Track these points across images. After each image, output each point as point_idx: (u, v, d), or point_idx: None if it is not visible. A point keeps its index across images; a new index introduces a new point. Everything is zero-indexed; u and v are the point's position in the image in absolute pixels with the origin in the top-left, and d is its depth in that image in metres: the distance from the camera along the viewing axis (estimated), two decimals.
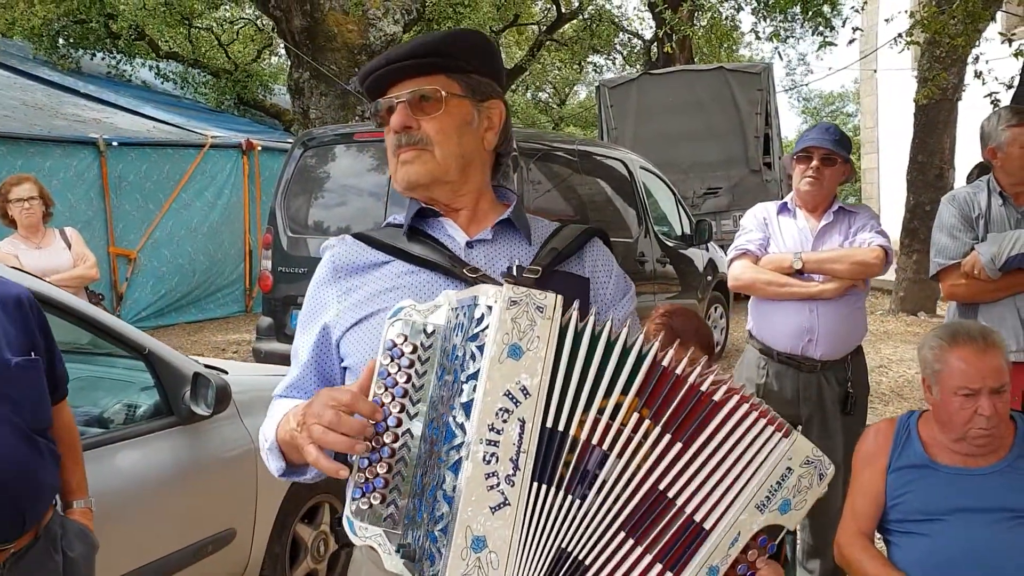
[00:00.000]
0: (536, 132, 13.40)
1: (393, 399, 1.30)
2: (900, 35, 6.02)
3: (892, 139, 15.03)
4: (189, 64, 17.11)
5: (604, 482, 1.26)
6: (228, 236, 11.27)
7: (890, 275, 10.79)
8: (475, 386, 1.23)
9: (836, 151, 3.37)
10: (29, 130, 9.73)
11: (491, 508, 1.22)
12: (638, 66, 20.54)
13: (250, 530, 3.23)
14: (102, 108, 12.65)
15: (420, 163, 1.55)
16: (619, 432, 1.26)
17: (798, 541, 3.80)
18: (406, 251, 1.56)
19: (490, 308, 1.25)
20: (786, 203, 3.54)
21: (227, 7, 18.10)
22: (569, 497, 1.25)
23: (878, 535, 2.55)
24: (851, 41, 6.22)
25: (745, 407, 1.29)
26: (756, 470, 1.28)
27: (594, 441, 1.26)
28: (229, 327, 10.59)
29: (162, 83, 16.92)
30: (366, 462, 1.30)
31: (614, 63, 24.10)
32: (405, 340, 1.31)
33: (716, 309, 8.91)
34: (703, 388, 1.29)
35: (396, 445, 1.29)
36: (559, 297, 1.27)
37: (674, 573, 1.27)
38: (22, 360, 2.09)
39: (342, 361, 1.59)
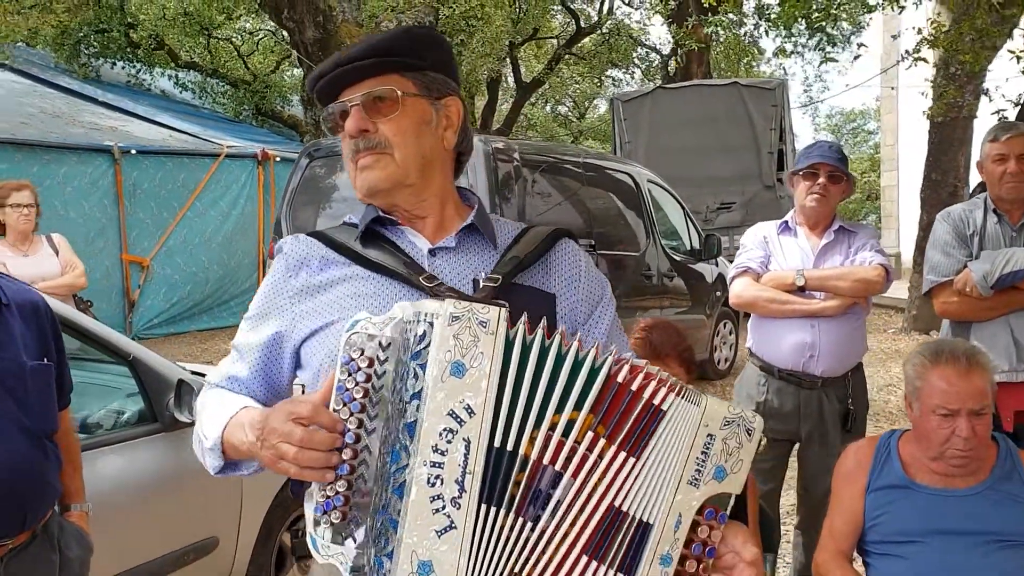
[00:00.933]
0: (544, 144, 13.42)
1: (351, 415, 1.27)
2: (907, 52, 5.98)
3: (912, 157, 14.92)
4: (208, 74, 17.27)
5: (559, 503, 1.23)
6: (242, 245, 11.34)
7: (902, 293, 10.69)
8: (418, 406, 1.21)
9: (842, 169, 3.37)
10: (45, 137, 9.84)
11: (437, 532, 1.20)
12: (657, 80, 20.52)
13: (234, 538, 3.23)
14: (119, 116, 12.77)
15: (380, 167, 1.51)
16: (573, 451, 1.23)
17: (790, 560, 3.76)
18: (363, 256, 1.52)
19: (432, 324, 1.23)
20: (787, 222, 3.54)
21: (247, 18, 18.26)
22: (521, 519, 1.23)
23: (857, 555, 2.51)
24: (856, 57, 6.19)
25: (663, 390, 1.26)
26: (679, 448, 1.26)
27: (546, 460, 1.23)
28: None
29: (181, 92, 17.08)
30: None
31: (632, 77, 24.13)
32: (361, 354, 1.28)
33: (725, 325, 8.84)
34: (655, 401, 1.26)
35: (355, 462, 1.27)
36: (503, 310, 1.25)
37: (626, 574, 1.24)
38: (36, 364, 2.14)
39: (298, 367, 1.56)
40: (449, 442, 1.20)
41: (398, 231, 1.58)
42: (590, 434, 1.23)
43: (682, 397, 1.27)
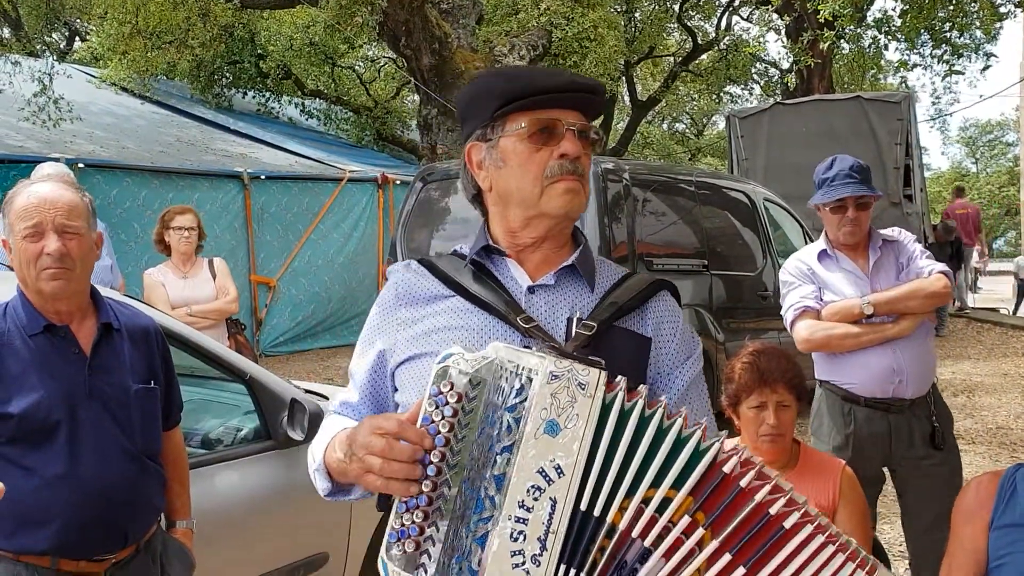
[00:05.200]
0: (655, 164, 13.28)
1: (434, 447, 1.29)
2: None
3: None
4: (332, 101, 17.90)
5: None
6: (363, 266, 11.67)
7: None
8: (508, 459, 1.22)
9: (868, 194, 3.25)
10: (181, 164, 10.39)
11: None
12: (777, 95, 20.09)
13: (343, 555, 3.31)
14: (249, 143, 13.38)
15: (582, 196, 1.54)
16: (666, 530, 1.21)
17: None
18: (467, 288, 1.55)
19: (530, 380, 1.23)
20: (824, 249, 3.40)
21: (369, 46, 18.85)
22: None
23: None
24: (985, 68, 5.91)
25: (821, 538, 1.20)
26: None
27: (635, 533, 1.21)
28: None
29: (307, 119, 17.75)
30: (403, 506, 1.30)
31: (751, 93, 23.70)
32: (451, 389, 1.30)
33: None
34: (772, 511, 1.20)
35: (434, 494, 1.28)
36: (602, 373, 1.24)
37: None
38: (141, 388, 2.26)
39: (396, 391, 1.60)
40: (536, 499, 1.20)
41: (502, 264, 1.60)
42: (687, 518, 1.20)
43: (854, 562, 1.20)
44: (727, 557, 1.19)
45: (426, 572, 1.27)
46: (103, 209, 8.26)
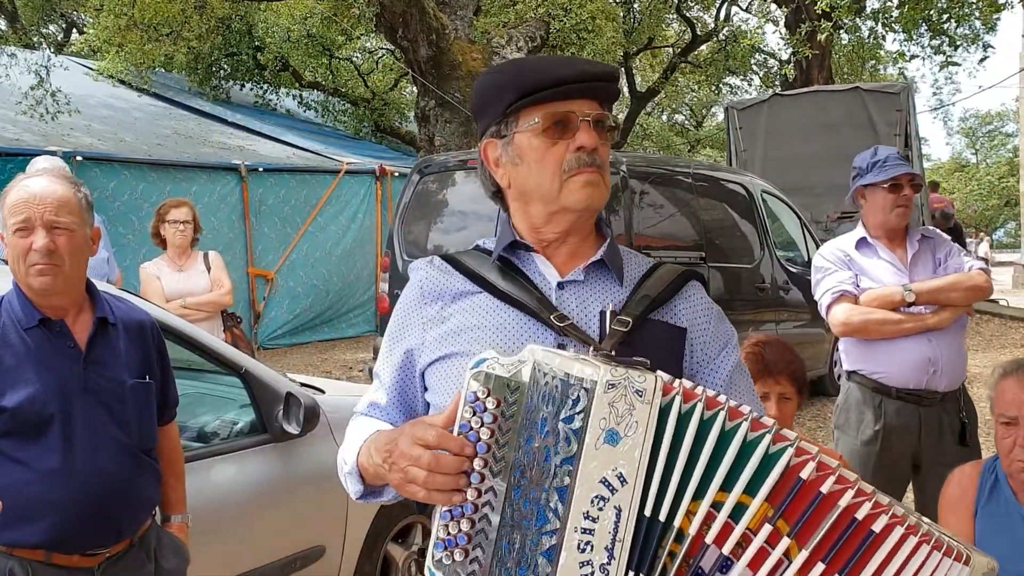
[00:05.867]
0: (652, 156, 13.26)
1: (476, 454, 1.29)
2: None
3: None
4: (330, 93, 17.87)
5: None
6: (360, 258, 11.65)
7: None
8: (569, 471, 1.20)
9: (918, 174, 3.27)
10: (178, 157, 10.37)
11: None
12: (776, 86, 20.06)
13: (340, 548, 3.32)
14: (246, 136, 13.36)
15: (602, 188, 1.50)
16: (746, 539, 1.18)
17: None
18: (494, 285, 1.52)
19: (587, 391, 1.21)
20: (864, 237, 3.39)
21: (367, 38, 18.81)
22: None
23: None
24: (982, 59, 5.90)
25: (914, 539, 1.17)
26: None
27: (709, 539, 1.19)
28: (359, 346, 10.92)
29: (305, 111, 17.72)
30: (448, 515, 1.30)
31: (751, 84, 23.67)
32: (488, 395, 1.28)
33: None
34: (858, 515, 1.17)
35: (479, 502, 1.28)
36: (659, 379, 1.22)
37: None
38: (136, 383, 2.26)
39: (426, 391, 1.57)
40: (600, 509, 1.19)
41: (529, 259, 1.57)
42: (768, 527, 1.18)
43: (951, 556, 1.18)
44: (820, 567, 1.16)
45: None
46: (100, 202, 8.25)
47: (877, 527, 1.17)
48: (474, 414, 1.29)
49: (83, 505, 2.12)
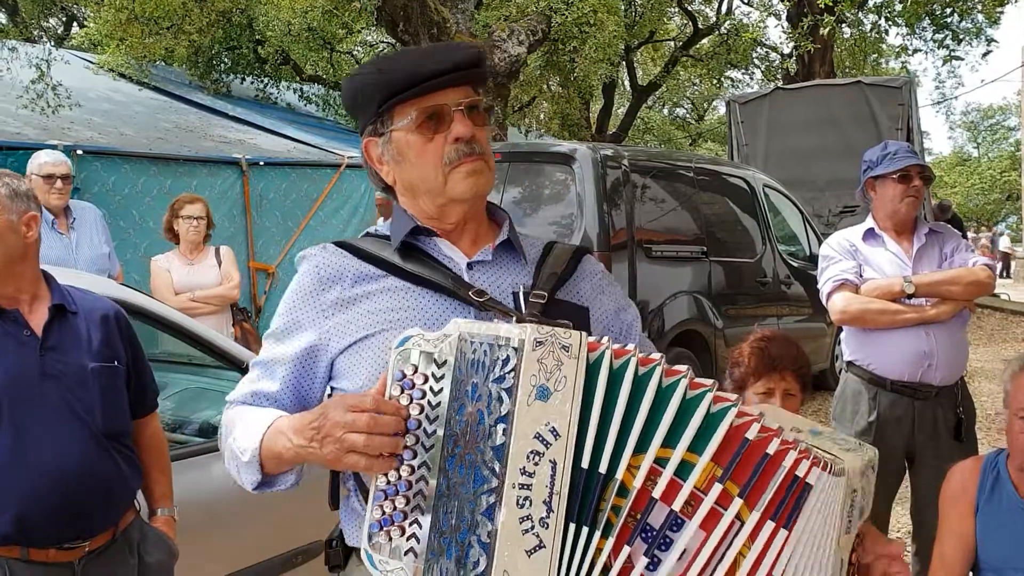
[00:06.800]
0: (654, 150, 13.24)
1: (407, 431, 1.29)
2: None
3: None
4: (331, 87, 17.82)
5: (686, 551, 1.20)
6: None
7: None
8: (504, 429, 1.22)
9: (928, 166, 3.28)
10: (179, 151, 10.35)
11: (527, 552, 1.21)
12: (778, 80, 20.02)
13: None
14: (247, 129, 13.34)
15: (487, 175, 1.52)
16: (696, 499, 1.20)
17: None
18: (402, 268, 1.51)
19: (516, 349, 1.23)
20: (871, 229, 3.40)
21: (367, 31, 18.76)
22: (627, 547, 1.21)
23: None
24: (985, 54, 5.87)
25: (806, 463, 1.20)
26: (831, 515, 1.21)
27: (656, 493, 1.21)
28: None
29: (305, 105, 17.69)
30: (383, 495, 1.29)
31: (752, 78, 23.62)
32: (416, 371, 1.29)
33: None
34: (799, 473, 1.19)
35: (412, 478, 1.28)
36: (583, 334, 1.24)
37: None
38: (98, 366, 2.23)
39: (331, 380, 1.55)
40: (536, 464, 1.21)
41: (433, 243, 1.57)
42: (718, 486, 1.20)
43: (829, 472, 1.20)
44: (771, 525, 1.19)
45: (415, 555, 1.27)
46: (101, 196, 8.25)
47: (800, 471, 1.20)
48: (402, 391, 1.29)
49: (48, 495, 2.09)
